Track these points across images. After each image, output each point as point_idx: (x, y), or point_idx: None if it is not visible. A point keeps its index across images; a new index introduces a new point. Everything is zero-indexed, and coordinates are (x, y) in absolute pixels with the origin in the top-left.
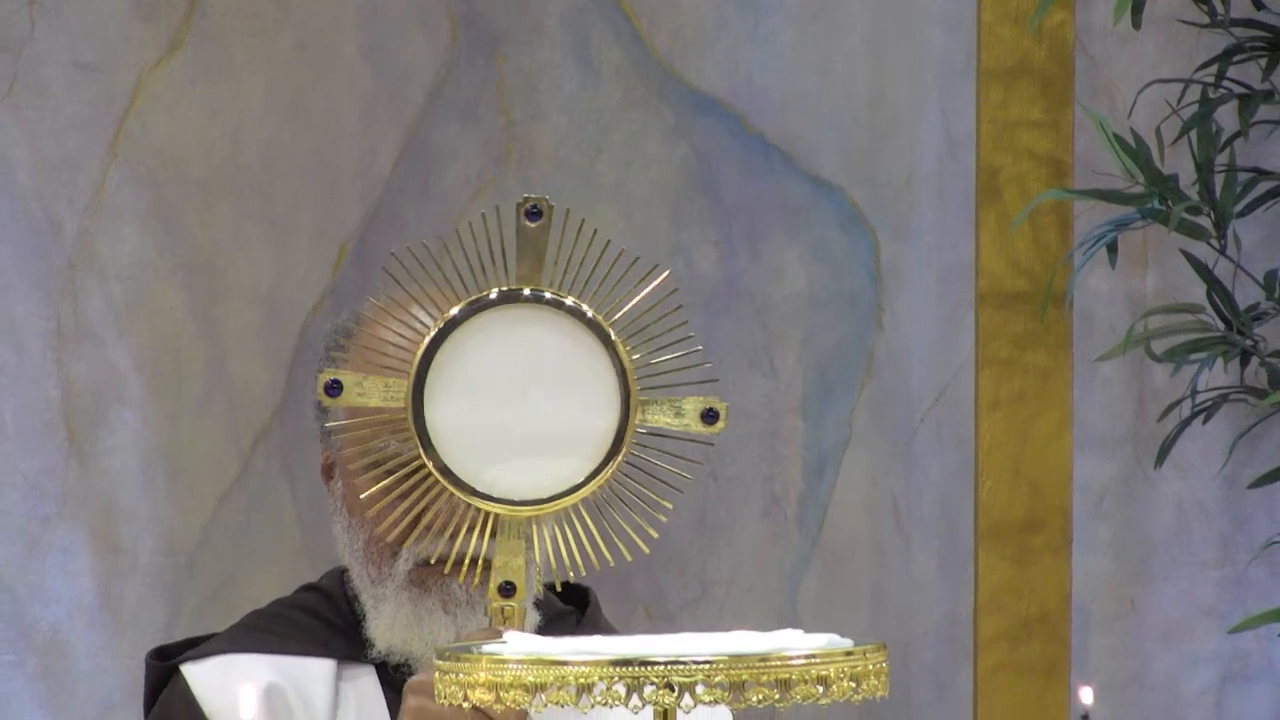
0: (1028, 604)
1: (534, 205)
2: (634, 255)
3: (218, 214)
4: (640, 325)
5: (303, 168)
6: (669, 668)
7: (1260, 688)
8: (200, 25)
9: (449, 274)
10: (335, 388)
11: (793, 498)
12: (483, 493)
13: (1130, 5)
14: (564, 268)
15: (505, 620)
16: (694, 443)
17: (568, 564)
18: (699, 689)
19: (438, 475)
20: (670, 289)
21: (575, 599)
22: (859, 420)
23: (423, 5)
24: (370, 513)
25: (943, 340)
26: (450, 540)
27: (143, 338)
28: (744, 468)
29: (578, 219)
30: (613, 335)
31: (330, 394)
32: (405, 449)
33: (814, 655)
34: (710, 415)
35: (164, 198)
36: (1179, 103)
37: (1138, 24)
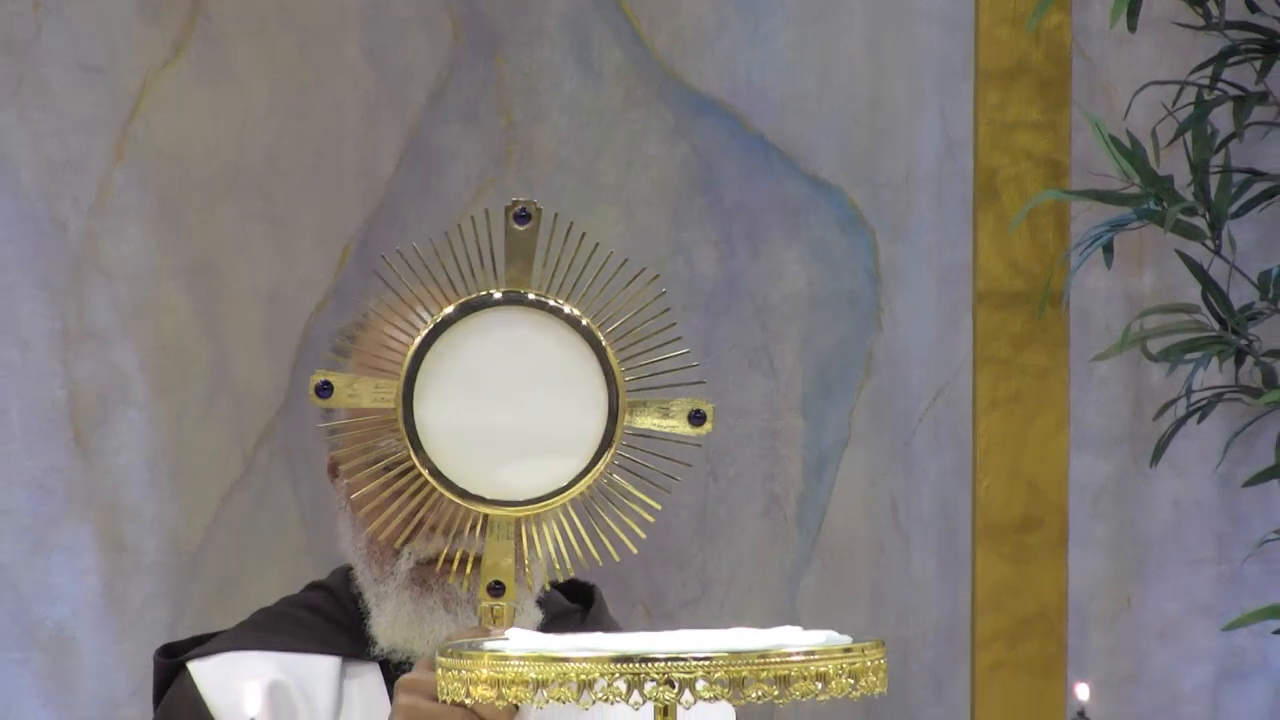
0: (1025, 602)
1: (522, 209)
2: (622, 258)
3: (221, 214)
4: (628, 327)
5: (305, 168)
6: (669, 664)
7: (1256, 684)
8: (204, 27)
9: (439, 277)
10: (326, 389)
11: (792, 497)
12: (472, 493)
13: (1126, 8)
14: (553, 270)
15: (495, 620)
16: (682, 444)
17: (556, 564)
18: (699, 685)
19: (427, 476)
20: (658, 291)
21: (580, 597)
22: (858, 420)
23: (424, 7)
24: (362, 512)
25: (941, 340)
26: (443, 540)
27: (147, 338)
28: (744, 467)
29: (566, 221)
30: (601, 337)
31: (321, 395)
32: (398, 449)
33: (813, 652)
34: (697, 417)
35: (168, 198)
36: (1175, 104)
37: (1134, 26)
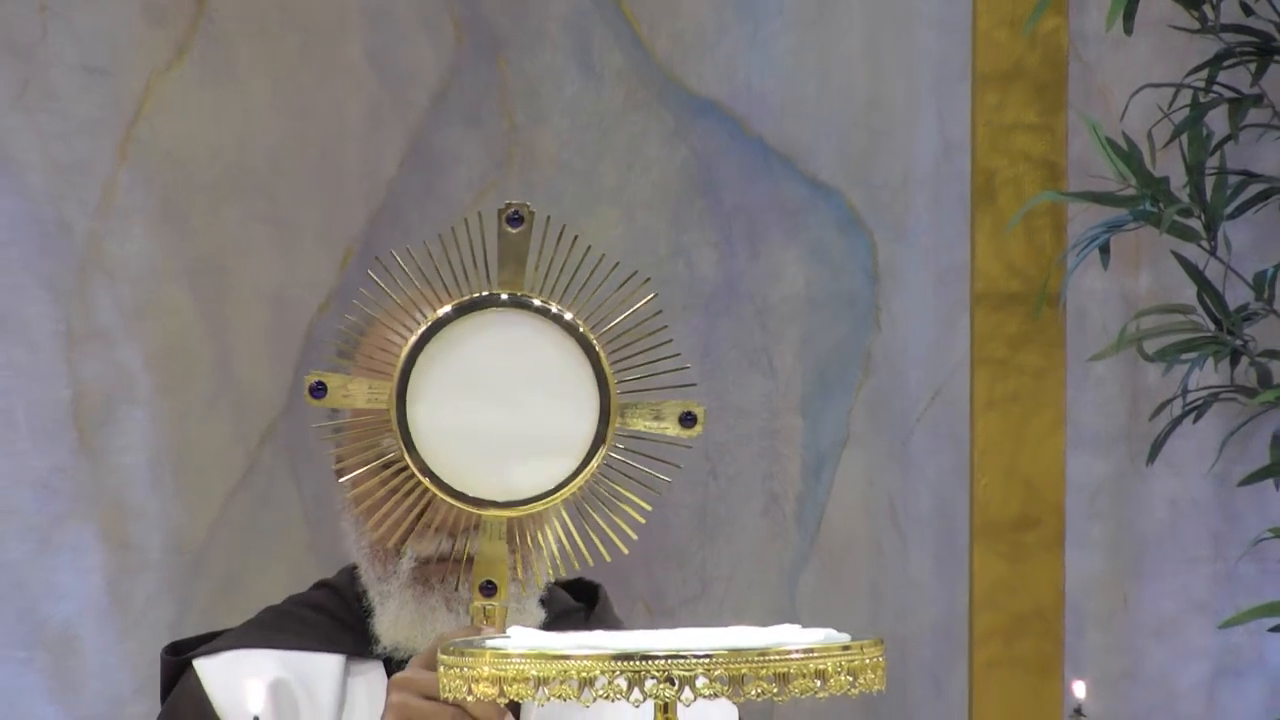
0: (1022, 600)
1: (515, 211)
2: (614, 261)
3: (225, 216)
4: (620, 330)
5: (308, 170)
6: (669, 662)
7: (1252, 682)
8: (207, 29)
9: (433, 279)
10: (320, 389)
11: (791, 496)
12: (464, 494)
13: (1123, 11)
14: (545, 273)
15: (487, 619)
16: (674, 445)
17: (548, 564)
18: (699, 682)
19: (420, 475)
20: (650, 294)
21: (585, 596)
22: (856, 420)
23: (427, 10)
24: (357, 511)
25: (939, 340)
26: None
27: (152, 338)
28: (743, 466)
29: (559, 224)
30: (593, 340)
31: (315, 396)
32: (394, 449)
33: (812, 649)
34: (688, 418)
35: (172, 200)
36: (1170, 107)
37: (1130, 30)
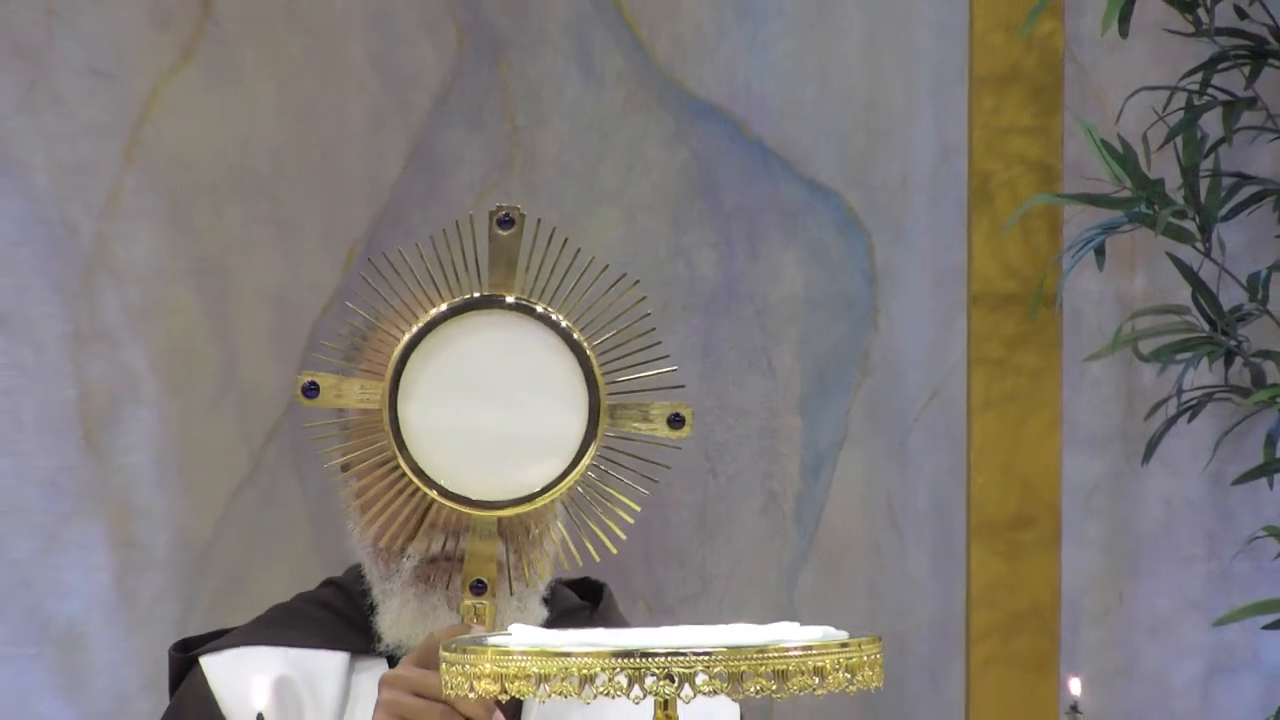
0: (1019, 598)
1: (506, 214)
2: (604, 263)
3: (229, 217)
4: (610, 331)
5: (311, 172)
6: (669, 659)
7: (1246, 679)
8: (212, 33)
9: (425, 281)
10: (312, 389)
11: (790, 495)
12: (454, 493)
13: (1118, 14)
14: (536, 275)
15: (477, 618)
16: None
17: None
18: (698, 679)
19: (411, 475)
20: (640, 296)
21: (590, 595)
22: (855, 419)
23: (429, 13)
24: (354, 506)
25: (936, 341)
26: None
27: (157, 339)
28: (743, 465)
29: (549, 227)
30: (583, 341)
31: (307, 396)
32: (387, 450)
33: (810, 647)
34: (676, 420)
35: (177, 202)
36: (1165, 110)
37: (1125, 33)
